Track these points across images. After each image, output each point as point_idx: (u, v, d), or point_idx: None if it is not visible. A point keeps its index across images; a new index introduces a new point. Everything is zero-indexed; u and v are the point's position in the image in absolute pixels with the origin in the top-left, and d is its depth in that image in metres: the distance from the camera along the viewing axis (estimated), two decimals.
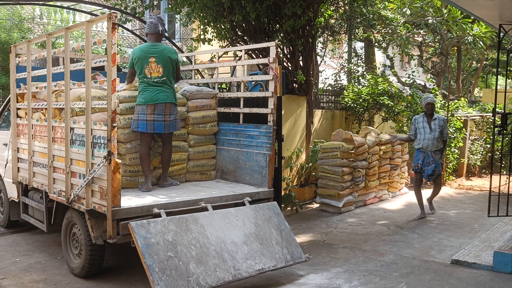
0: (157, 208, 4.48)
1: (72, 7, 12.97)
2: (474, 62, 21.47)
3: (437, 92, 11.93)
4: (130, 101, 5.43)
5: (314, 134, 9.53)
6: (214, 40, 9.53)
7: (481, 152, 11.96)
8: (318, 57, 10.47)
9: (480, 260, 5.30)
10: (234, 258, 4.41)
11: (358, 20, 11.15)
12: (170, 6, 9.65)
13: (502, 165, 9.31)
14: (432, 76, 18.07)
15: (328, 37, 11.95)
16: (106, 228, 4.35)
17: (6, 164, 6.71)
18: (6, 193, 6.75)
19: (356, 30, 12.57)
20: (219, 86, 8.35)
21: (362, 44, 15.41)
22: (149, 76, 5.33)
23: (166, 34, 6.40)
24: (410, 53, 13.86)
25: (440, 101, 11.40)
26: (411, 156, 9.70)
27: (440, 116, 7.50)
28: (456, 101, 12.79)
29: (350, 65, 12.97)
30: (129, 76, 5.63)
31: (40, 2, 12.10)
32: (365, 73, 12.04)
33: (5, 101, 6.96)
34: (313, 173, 8.82)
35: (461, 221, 7.36)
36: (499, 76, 18.82)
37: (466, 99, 13.50)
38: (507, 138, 9.74)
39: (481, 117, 13.01)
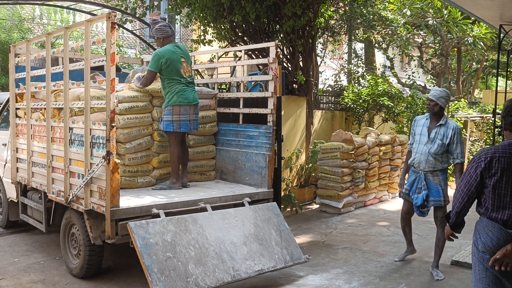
0: (156, 208, 4.46)
1: (72, 7, 12.96)
2: (474, 63, 21.47)
3: None
4: (130, 101, 5.41)
5: (314, 134, 9.52)
6: (214, 41, 9.53)
7: None
8: (318, 58, 10.47)
9: None
10: (233, 259, 4.39)
11: (358, 20, 11.15)
12: (170, 6, 9.64)
13: None
14: (432, 77, 18.07)
15: (328, 37, 11.95)
16: (105, 229, 4.33)
17: (5, 164, 6.69)
18: (5, 193, 6.73)
19: (356, 30, 12.57)
20: (219, 86, 8.33)
21: (362, 45, 15.41)
22: (184, 76, 5.41)
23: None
24: (410, 54, 13.85)
25: None
26: None
27: (452, 123, 5.00)
28: (456, 102, 12.79)
29: (350, 65, 12.97)
30: (149, 79, 5.37)
31: (39, 2, 12.09)
32: (365, 74, 12.03)
33: (4, 101, 6.94)
34: (313, 174, 8.81)
35: None
36: (499, 77, 18.81)
37: (466, 100, 13.50)
38: None
39: (481, 118, 13.00)
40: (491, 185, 2.83)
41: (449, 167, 5.21)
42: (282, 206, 6.85)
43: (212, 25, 8.88)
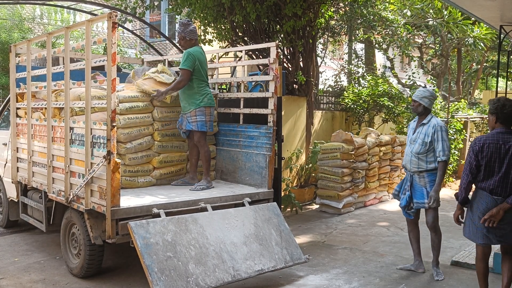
0: (156, 208, 4.47)
1: (72, 7, 12.96)
2: (474, 64, 21.46)
3: (438, 94, 11.92)
4: (130, 101, 5.41)
5: (314, 135, 9.52)
6: (215, 41, 9.53)
7: None
8: (318, 58, 10.47)
9: None
10: (233, 259, 4.40)
11: (359, 21, 11.15)
12: (170, 6, 9.65)
13: None
14: (432, 77, 18.06)
15: (329, 38, 11.95)
16: (105, 228, 4.34)
17: (5, 164, 6.69)
18: (5, 193, 6.74)
19: (357, 31, 12.58)
20: (219, 86, 8.33)
21: (362, 45, 15.40)
22: (208, 79, 5.65)
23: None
24: (411, 55, 13.85)
25: (440, 102, 11.38)
26: None
27: (434, 121, 4.90)
28: (456, 102, 12.79)
29: (351, 66, 12.97)
30: (187, 79, 5.38)
31: (40, 2, 12.09)
32: (365, 74, 12.04)
33: (5, 101, 6.95)
34: (313, 174, 8.81)
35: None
36: (499, 78, 18.81)
37: (466, 101, 13.50)
38: None
39: (481, 118, 13.01)
40: (483, 164, 3.90)
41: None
42: (282, 206, 6.85)
43: (212, 25, 8.88)
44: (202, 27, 9.17)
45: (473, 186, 4.08)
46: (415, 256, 5.22)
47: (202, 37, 9.39)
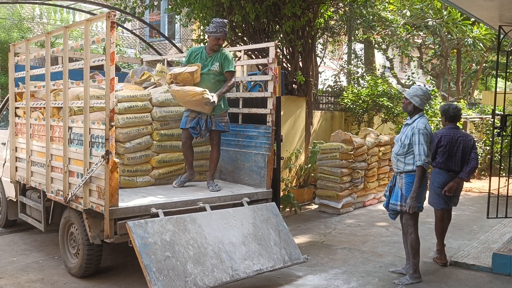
0: (155, 208, 4.46)
1: (71, 6, 12.96)
2: (473, 64, 21.47)
3: (437, 94, 11.92)
4: (129, 100, 5.41)
5: (313, 135, 9.52)
6: None
7: (480, 154, 11.96)
8: (317, 58, 10.47)
9: (479, 262, 5.29)
10: (232, 259, 4.39)
11: (358, 21, 11.14)
12: (170, 6, 9.64)
13: (502, 167, 9.30)
14: (431, 78, 18.06)
15: (328, 38, 11.94)
16: (104, 228, 4.33)
17: (4, 164, 6.69)
18: (4, 193, 6.73)
19: (356, 31, 12.57)
20: None
21: (362, 45, 15.39)
22: None
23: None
24: (410, 55, 13.84)
25: (440, 102, 11.36)
26: None
27: (416, 123, 4.65)
28: (455, 103, 12.79)
29: (350, 66, 12.96)
30: (234, 81, 5.44)
31: (39, 1, 12.09)
32: (364, 74, 12.03)
33: (4, 100, 6.94)
34: (312, 174, 8.81)
35: (460, 223, 7.34)
36: (498, 78, 18.81)
37: (465, 101, 13.52)
38: (506, 140, 9.73)
39: (480, 119, 13.02)
40: (441, 151, 5.26)
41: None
42: (281, 206, 6.86)
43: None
44: (201, 27, 9.16)
45: (431, 167, 5.30)
46: (407, 259, 5.03)
47: (202, 37, 9.39)
